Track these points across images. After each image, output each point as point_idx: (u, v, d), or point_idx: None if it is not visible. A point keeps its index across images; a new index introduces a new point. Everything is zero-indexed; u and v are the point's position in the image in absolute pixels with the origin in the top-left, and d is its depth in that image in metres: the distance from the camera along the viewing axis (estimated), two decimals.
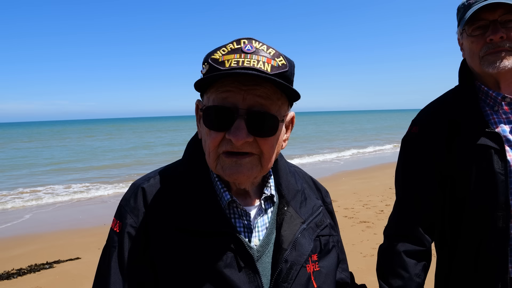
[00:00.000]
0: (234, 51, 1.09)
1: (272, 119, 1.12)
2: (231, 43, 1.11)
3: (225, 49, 1.11)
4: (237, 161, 1.11)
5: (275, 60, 1.10)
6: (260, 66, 1.06)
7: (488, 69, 1.60)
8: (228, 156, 1.12)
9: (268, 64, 1.08)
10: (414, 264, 1.64)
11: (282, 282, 1.15)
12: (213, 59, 1.10)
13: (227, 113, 1.09)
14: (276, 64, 1.09)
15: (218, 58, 1.09)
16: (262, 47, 1.10)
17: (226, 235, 1.13)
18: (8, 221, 9.73)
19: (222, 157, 1.13)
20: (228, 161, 1.12)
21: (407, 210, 1.73)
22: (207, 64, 1.11)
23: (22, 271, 6.09)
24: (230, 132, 1.08)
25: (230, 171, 1.12)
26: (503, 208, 1.52)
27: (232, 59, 1.07)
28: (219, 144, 1.12)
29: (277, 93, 1.12)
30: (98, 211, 10.26)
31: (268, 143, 1.13)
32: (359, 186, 11.96)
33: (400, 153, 1.82)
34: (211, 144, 1.12)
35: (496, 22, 1.56)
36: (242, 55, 1.08)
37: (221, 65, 1.08)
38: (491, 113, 1.64)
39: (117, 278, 1.12)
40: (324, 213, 1.36)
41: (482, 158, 1.56)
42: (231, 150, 1.11)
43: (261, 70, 1.06)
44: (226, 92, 1.09)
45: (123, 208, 1.20)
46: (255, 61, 1.07)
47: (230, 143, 1.10)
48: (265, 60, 1.08)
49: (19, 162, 23.65)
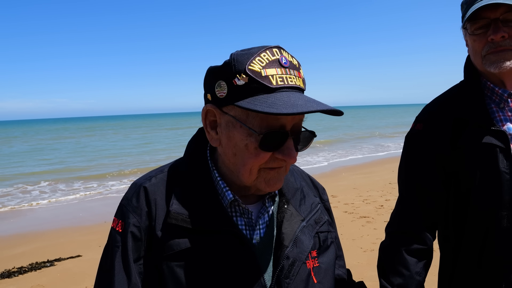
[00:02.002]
0: (272, 64, 1.05)
1: (311, 134, 1.16)
2: (263, 52, 1.06)
3: (261, 59, 1.05)
4: (279, 172, 1.15)
5: (300, 71, 1.12)
6: (299, 83, 1.08)
7: (490, 69, 1.58)
8: (272, 169, 1.14)
9: (300, 79, 1.10)
10: (415, 262, 1.64)
11: (284, 278, 1.16)
12: (252, 71, 1.04)
13: (282, 136, 1.09)
14: (302, 75, 1.12)
15: (258, 70, 1.04)
16: (291, 59, 1.10)
17: (228, 233, 1.14)
18: (9, 219, 9.77)
19: (266, 171, 1.14)
20: (273, 173, 1.14)
21: (409, 207, 1.72)
22: (245, 75, 1.04)
23: (23, 269, 6.11)
24: (284, 153, 1.09)
25: (273, 182, 1.15)
26: (508, 207, 1.50)
27: (276, 75, 1.04)
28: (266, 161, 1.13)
29: None
30: (99, 208, 10.26)
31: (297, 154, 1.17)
32: (359, 181, 11.99)
33: (404, 150, 1.81)
34: (258, 162, 1.11)
35: (497, 21, 1.53)
36: (282, 69, 1.06)
37: (266, 81, 1.03)
38: (497, 110, 1.61)
39: (121, 278, 1.13)
40: (322, 210, 1.38)
41: (487, 156, 1.54)
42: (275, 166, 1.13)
43: (301, 88, 1.08)
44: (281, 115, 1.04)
45: (125, 208, 1.20)
46: (294, 78, 1.07)
47: (276, 161, 1.12)
48: (297, 75, 1.09)
49: (20, 159, 23.66)
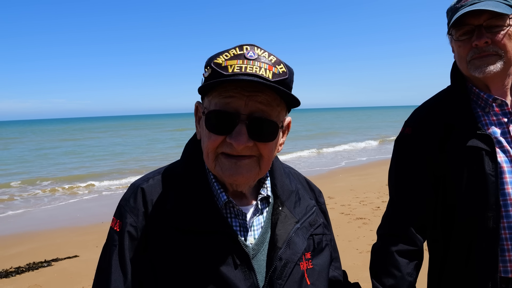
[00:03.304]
0: (236, 57, 1.12)
1: (272, 125, 1.16)
2: (233, 49, 1.14)
3: (228, 54, 1.13)
4: (237, 162, 1.15)
5: (276, 67, 1.13)
6: (262, 73, 1.10)
7: (475, 73, 1.62)
8: (227, 157, 1.15)
9: (270, 71, 1.11)
10: (406, 263, 1.67)
11: (277, 279, 1.19)
12: (216, 63, 1.13)
13: (229, 118, 1.13)
14: (277, 71, 1.13)
15: (221, 63, 1.12)
16: (263, 54, 1.14)
17: (222, 234, 1.17)
18: (6, 219, 9.75)
19: (221, 158, 1.16)
20: (227, 162, 1.15)
21: (399, 210, 1.76)
22: (209, 68, 1.14)
23: (20, 269, 6.12)
24: (232, 137, 1.12)
25: (229, 172, 1.16)
26: (494, 208, 1.54)
27: (235, 65, 1.10)
28: (218, 145, 1.16)
29: (277, 99, 1.16)
30: (96, 209, 10.26)
31: (267, 147, 1.18)
32: (356, 182, 12.02)
33: (393, 154, 1.85)
34: (211, 145, 1.16)
35: (481, 27, 1.58)
36: (244, 61, 1.11)
37: (224, 70, 1.10)
38: (482, 114, 1.66)
39: (118, 276, 1.16)
40: (318, 212, 1.40)
41: (473, 159, 1.58)
42: (231, 153, 1.15)
43: (263, 76, 1.09)
44: (229, 97, 1.12)
45: (123, 208, 1.23)
46: (257, 68, 1.10)
47: (230, 147, 1.14)
48: (266, 67, 1.11)
49: (17, 160, 23.61)
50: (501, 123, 1.63)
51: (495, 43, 1.58)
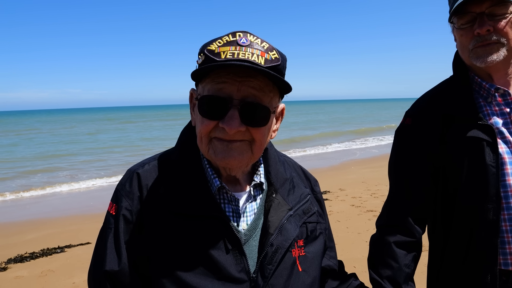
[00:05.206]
0: (229, 43, 1.14)
1: (264, 110, 1.18)
2: (226, 36, 1.16)
3: (221, 41, 1.15)
4: (228, 145, 1.17)
5: (268, 53, 1.15)
6: (254, 58, 1.11)
7: (477, 63, 1.59)
8: (220, 140, 1.17)
9: (262, 57, 1.13)
10: (404, 254, 1.66)
11: (267, 264, 1.20)
12: (209, 50, 1.15)
13: (222, 103, 1.14)
14: (270, 57, 1.14)
15: (214, 49, 1.14)
16: (256, 41, 1.15)
17: (215, 218, 1.18)
18: (22, 206, 10.00)
19: (214, 142, 1.18)
20: (220, 145, 1.17)
21: (398, 201, 1.74)
22: (203, 54, 1.16)
23: (35, 255, 6.29)
24: (224, 121, 1.14)
25: (222, 155, 1.17)
26: (494, 200, 1.52)
27: (228, 51, 1.12)
28: (211, 130, 1.17)
29: (270, 85, 1.17)
30: (108, 197, 10.34)
31: (259, 132, 1.19)
32: (368, 175, 11.93)
33: (393, 144, 1.83)
34: (204, 130, 1.18)
35: (483, 15, 1.54)
36: (237, 47, 1.12)
37: (217, 56, 1.12)
38: (485, 104, 1.63)
39: (112, 257, 1.19)
40: (312, 201, 1.41)
41: (474, 150, 1.56)
42: (224, 138, 1.16)
43: (255, 62, 1.11)
44: (222, 83, 1.14)
45: (119, 192, 1.27)
46: (249, 54, 1.12)
47: (223, 131, 1.16)
48: (259, 53, 1.13)
49: (35, 150, 24.06)
50: (504, 113, 1.60)
51: (498, 31, 1.54)
